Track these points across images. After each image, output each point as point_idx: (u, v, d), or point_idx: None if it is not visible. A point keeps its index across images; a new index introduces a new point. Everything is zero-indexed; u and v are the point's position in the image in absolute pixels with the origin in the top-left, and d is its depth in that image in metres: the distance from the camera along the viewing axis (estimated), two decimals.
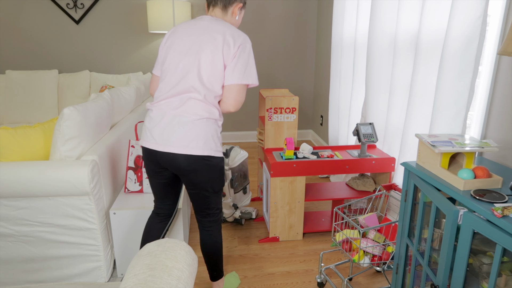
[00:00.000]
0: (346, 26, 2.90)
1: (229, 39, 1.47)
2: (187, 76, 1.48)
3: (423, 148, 1.35)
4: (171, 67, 1.52)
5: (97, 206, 1.80)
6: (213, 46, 1.47)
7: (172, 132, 1.47)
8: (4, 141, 1.76)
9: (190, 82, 1.48)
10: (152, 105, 1.55)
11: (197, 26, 1.53)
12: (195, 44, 1.49)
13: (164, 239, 1.08)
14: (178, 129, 1.47)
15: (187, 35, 1.52)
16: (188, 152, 1.47)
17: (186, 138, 1.46)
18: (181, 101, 1.48)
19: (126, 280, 0.89)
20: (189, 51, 1.50)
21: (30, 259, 1.83)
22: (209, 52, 1.47)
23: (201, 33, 1.50)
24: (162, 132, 1.48)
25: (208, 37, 1.48)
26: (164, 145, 1.47)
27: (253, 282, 1.96)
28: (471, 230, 1.06)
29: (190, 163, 1.49)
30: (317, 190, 2.41)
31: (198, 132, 1.47)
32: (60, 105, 3.85)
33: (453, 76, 1.65)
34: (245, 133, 4.65)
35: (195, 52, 1.48)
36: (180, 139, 1.46)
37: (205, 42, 1.48)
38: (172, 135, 1.47)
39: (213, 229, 1.68)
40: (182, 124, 1.46)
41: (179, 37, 1.54)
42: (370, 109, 2.49)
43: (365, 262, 1.71)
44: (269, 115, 2.35)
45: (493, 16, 1.56)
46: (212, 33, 1.48)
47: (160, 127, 1.48)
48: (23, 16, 3.95)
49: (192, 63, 1.48)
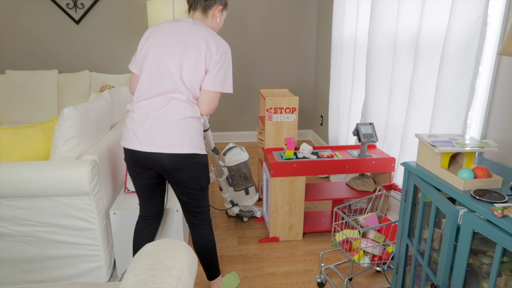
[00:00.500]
0: (346, 26, 2.90)
1: (212, 46, 1.50)
2: (170, 77, 1.49)
3: (423, 148, 1.35)
4: (152, 66, 1.51)
5: (97, 206, 1.80)
6: (196, 51, 1.49)
7: (157, 132, 1.47)
8: (4, 141, 1.76)
9: (173, 83, 1.49)
10: (133, 105, 1.54)
11: (180, 28, 1.53)
12: (179, 46, 1.50)
13: (164, 239, 1.08)
14: (163, 128, 1.47)
15: (170, 36, 1.52)
16: (174, 151, 1.48)
17: (171, 137, 1.47)
18: (164, 101, 1.49)
19: (126, 280, 0.89)
20: (172, 52, 1.50)
21: (30, 259, 1.83)
22: (192, 56, 1.49)
23: (184, 36, 1.51)
24: (147, 132, 1.48)
25: (191, 41, 1.50)
26: (149, 145, 1.48)
27: (253, 282, 1.96)
28: (471, 230, 1.06)
29: (177, 161, 1.50)
30: (317, 190, 2.41)
31: (183, 130, 1.49)
32: (60, 105, 3.85)
33: (453, 76, 1.65)
34: (245, 133, 4.65)
35: (178, 54, 1.49)
36: (166, 138, 1.47)
37: (189, 46, 1.49)
38: (157, 135, 1.47)
39: (204, 227, 1.69)
40: (167, 123, 1.47)
41: (161, 37, 1.53)
42: (370, 109, 2.49)
43: (365, 262, 1.71)
44: (269, 115, 2.35)
45: (493, 16, 1.56)
46: (196, 38, 1.50)
47: (145, 128, 1.49)
48: (23, 16, 3.95)
49: (175, 65, 1.49)
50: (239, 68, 4.42)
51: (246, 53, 4.37)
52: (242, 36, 4.31)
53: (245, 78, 4.46)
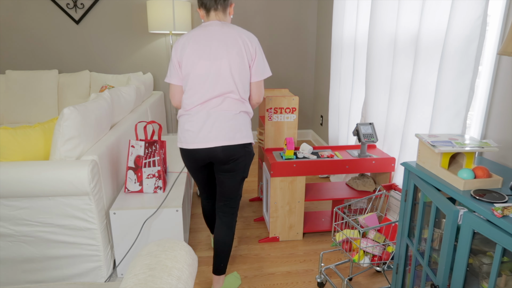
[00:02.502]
0: (346, 26, 2.90)
1: (247, 41, 1.63)
2: (221, 78, 1.61)
3: (423, 148, 1.35)
4: (202, 73, 1.61)
5: (97, 206, 1.80)
6: (237, 48, 1.61)
7: (220, 128, 1.63)
8: (4, 141, 1.76)
9: (226, 84, 1.62)
10: (188, 111, 1.66)
11: (213, 32, 1.63)
12: (220, 48, 1.60)
13: (164, 239, 1.08)
14: (225, 123, 1.63)
15: (208, 42, 1.62)
16: (235, 142, 1.65)
17: (232, 130, 1.64)
18: (219, 101, 1.64)
19: (126, 280, 0.89)
20: (216, 56, 1.60)
21: (30, 259, 1.83)
22: (235, 54, 1.61)
23: (221, 38, 1.62)
24: (211, 130, 1.63)
25: (230, 42, 1.61)
26: (213, 141, 1.63)
27: (253, 282, 1.96)
28: (471, 230, 1.06)
29: (236, 152, 1.67)
30: (317, 190, 2.41)
31: (240, 124, 1.67)
32: (60, 105, 3.85)
33: (453, 76, 1.65)
34: None
35: (222, 56, 1.60)
36: (228, 132, 1.63)
37: (229, 46, 1.61)
38: (220, 131, 1.63)
39: (233, 216, 1.84)
40: (227, 119, 1.63)
41: (199, 45, 1.62)
42: (370, 109, 2.49)
43: (365, 262, 1.71)
44: (269, 115, 2.35)
45: (493, 16, 1.56)
46: (232, 38, 1.62)
47: (208, 126, 1.63)
48: (23, 16, 3.95)
49: (224, 66, 1.61)
50: None
51: None
52: None
53: None
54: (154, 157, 2.04)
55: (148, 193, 2.07)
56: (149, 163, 2.03)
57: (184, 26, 3.82)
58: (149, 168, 2.04)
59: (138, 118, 2.84)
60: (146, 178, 2.05)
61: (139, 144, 2.02)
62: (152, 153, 2.03)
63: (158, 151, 2.04)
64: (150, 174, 2.04)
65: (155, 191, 2.07)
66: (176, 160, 2.61)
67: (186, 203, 2.26)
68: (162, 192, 2.07)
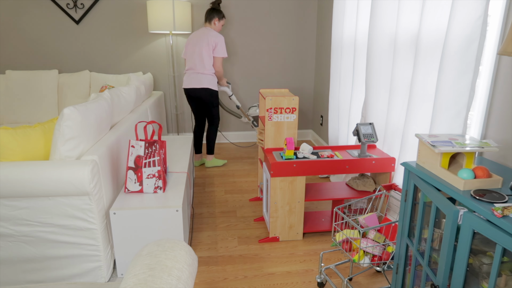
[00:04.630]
0: (346, 26, 2.90)
1: (212, 38, 3.26)
2: (198, 56, 3.28)
3: (423, 148, 1.35)
4: (190, 52, 3.34)
5: (97, 206, 1.80)
6: (205, 42, 3.26)
7: (197, 79, 3.32)
8: (4, 141, 1.76)
9: (201, 59, 3.28)
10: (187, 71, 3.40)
11: (199, 33, 3.32)
12: (199, 41, 3.28)
13: (164, 239, 1.08)
14: (200, 77, 3.32)
15: (195, 38, 3.33)
16: (203, 86, 3.33)
17: (203, 81, 3.32)
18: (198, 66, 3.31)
19: (126, 280, 0.89)
20: (196, 44, 3.29)
21: (30, 259, 1.83)
22: (205, 45, 3.26)
23: (201, 36, 3.30)
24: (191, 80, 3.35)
25: (205, 37, 3.28)
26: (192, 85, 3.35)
27: (253, 282, 1.96)
28: (471, 230, 1.06)
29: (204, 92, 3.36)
30: (317, 190, 2.41)
31: (204, 78, 3.32)
32: (60, 105, 3.85)
33: (454, 76, 1.65)
34: (245, 133, 4.65)
35: (199, 45, 3.28)
36: (198, 81, 3.32)
37: (204, 40, 3.28)
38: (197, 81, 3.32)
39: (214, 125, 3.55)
40: (202, 76, 3.32)
41: (192, 39, 3.35)
42: (370, 109, 2.49)
43: (365, 262, 1.71)
44: (269, 115, 2.35)
45: (493, 16, 1.56)
46: (205, 36, 3.27)
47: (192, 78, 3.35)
48: (23, 16, 3.95)
49: (199, 50, 3.28)
50: (239, 68, 4.42)
51: (246, 53, 4.38)
52: (242, 36, 4.31)
53: (245, 78, 4.46)
54: (154, 157, 2.04)
55: (148, 193, 2.07)
56: (149, 163, 2.03)
57: (184, 26, 3.83)
58: (149, 168, 2.04)
59: (138, 118, 2.84)
60: (146, 178, 2.05)
61: (139, 144, 2.02)
62: (152, 153, 2.03)
63: (158, 151, 2.04)
64: (150, 174, 2.04)
65: (155, 191, 2.07)
66: (176, 160, 2.61)
67: (186, 203, 2.26)
68: (162, 192, 2.07)
